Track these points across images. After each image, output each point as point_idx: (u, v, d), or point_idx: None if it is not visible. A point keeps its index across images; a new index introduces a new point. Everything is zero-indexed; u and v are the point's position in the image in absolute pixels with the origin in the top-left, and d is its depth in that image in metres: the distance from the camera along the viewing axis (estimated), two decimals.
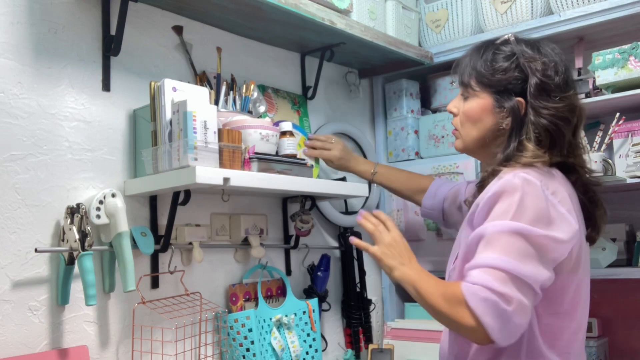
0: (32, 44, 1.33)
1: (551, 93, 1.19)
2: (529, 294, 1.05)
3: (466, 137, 1.31)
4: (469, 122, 1.29)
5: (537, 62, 1.21)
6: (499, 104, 1.23)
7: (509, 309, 1.01)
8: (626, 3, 1.78)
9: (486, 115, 1.25)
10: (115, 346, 1.43)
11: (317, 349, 1.80)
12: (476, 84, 1.27)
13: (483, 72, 1.25)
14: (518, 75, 1.22)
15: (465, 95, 1.30)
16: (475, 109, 1.27)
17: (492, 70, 1.24)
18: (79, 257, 1.27)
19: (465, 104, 1.30)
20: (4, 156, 1.26)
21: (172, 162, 1.35)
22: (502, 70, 1.23)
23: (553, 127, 1.18)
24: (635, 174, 1.80)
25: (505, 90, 1.22)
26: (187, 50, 1.65)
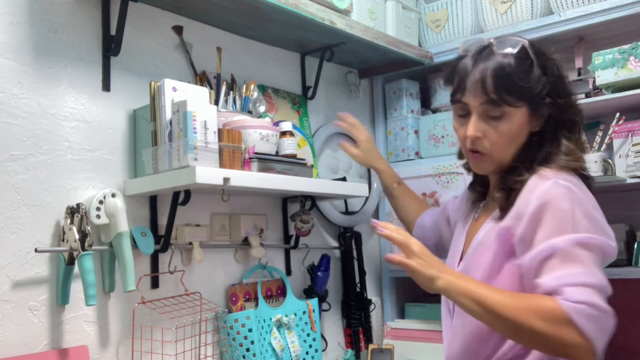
0: (32, 44, 1.33)
1: (567, 89, 1.20)
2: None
3: (500, 159, 1.21)
4: (507, 142, 1.19)
5: (552, 62, 1.19)
6: (534, 111, 1.17)
7: (611, 323, 1.05)
8: (626, 3, 1.78)
9: (523, 127, 1.18)
10: (115, 346, 1.43)
11: (317, 349, 1.80)
12: (514, 99, 1.15)
13: (520, 85, 1.15)
14: (545, 79, 1.17)
15: (493, 115, 1.17)
16: (516, 126, 1.18)
17: (528, 81, 1.15)
18: (79, 257, 1.27)
19: (500, 125, 1.17)
20: (4, 156, 1.26)
21: (172, 162, 1.35)
22: (534, 79, 1.16)
23: (577, 119, 1.19)
24: (635, 174, 1.79)
25: (539, 97, 1.17)
26: (187, 50, 1.65)
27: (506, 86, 1.15)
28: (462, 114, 1.22)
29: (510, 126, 1.17)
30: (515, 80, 1.14)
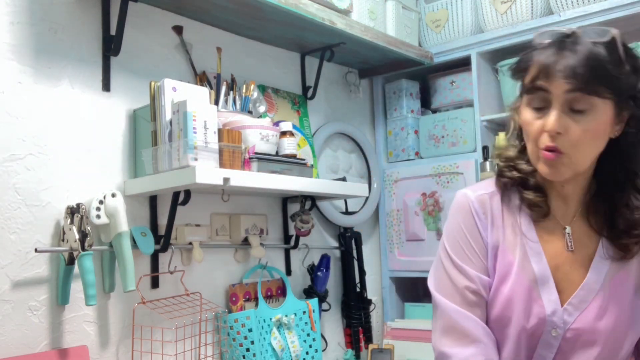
0: (32, 44, 1.33)
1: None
2: None
3: (579, 162, 1.03)
4: (594, 140, 1.03)
5: (638, 60, 1.04)
6: (619, 110, 1.02)
7: None
8: (626, 3, 1.78)
9: (608, 127, 1.03)
10: (115, 346, 1.43)
11: (317, 349, 1.80)
12: (605, 90, 0.99)
13: (615, 80, 1.00)
14: (634, 77, 1.03)
15: (579, 109, 1.00)
16: (602, 124, 1.02)
17: (617, 71, 1.00)
18: (79, 257, 1.27)
19: (585, 120, 1.00)
20: (4, 156, 1.26)
21: (172, 162, 1.35)
22: (625, 72, 1.01)
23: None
24: None
25: (626, 97, 1.02)
26: (187, 50, 1.65)
27: (599, 75, 0.99)
28: (539, 107, 1.03)
29: (596, 123, 1.00)
30: (608, 69, 0.99)
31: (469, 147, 2.11)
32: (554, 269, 1.08)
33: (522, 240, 1.11)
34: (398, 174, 2.25)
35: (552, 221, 1.11)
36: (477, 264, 1.12)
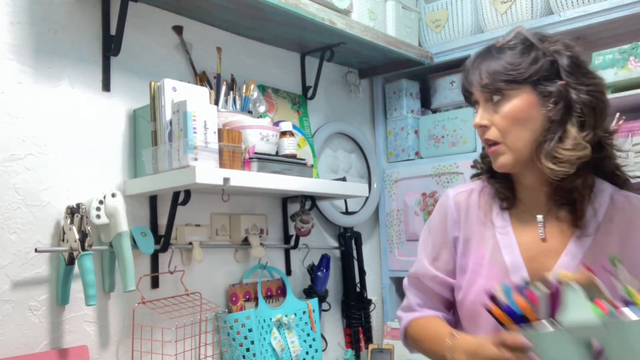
0: (32, 43, 1.33)
1: (582, 68, 1.12)
2: None
3: (516, 144, 1.12)
4: (517, 124, 1.11)
5: (558, 44, 1.13)
6: (543, 93, 1.10)
7: None
8: (626, 3, 1.78)
9: (534, 110, 1.11)
10: (115, 346, 1.43)
11: (317, 349, 1.80)
12: (507, 85, 1.11)
13: (511, 70, 1.11)
14: (548, 59, 1.11)
15: (497, 100, 1.13)
16: (521, 106, 1.11)
17: (520, 66, 1.11)
18: (79, 257, 1.27)
19: (503, 108, 1.12)
20: (4, 156, 1.26)
21: (172, 162, 1.35)
22: (531, 61, 1.11)
23: (596, 101, 1.09)
24: (635, 174, 1.79)
25: (543, 79, 1.10)
26: (187, 50, 1.65)
27: (496, 77, 1.12)
28: (476, 109, 1.19)
29: (511, 107, 1.11)
30: (507, 69, 1.12)
31: (469, 147, 2.11)
32: (530, 260, 1.13)
33: (494, 232, 1.18)
34: (398, 174, 2.25)
35: (526, 212, 1.18)
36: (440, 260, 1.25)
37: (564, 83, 1.10)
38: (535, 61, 1.11)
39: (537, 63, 1.11)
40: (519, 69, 1.11)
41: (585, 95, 1.09)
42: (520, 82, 1.11)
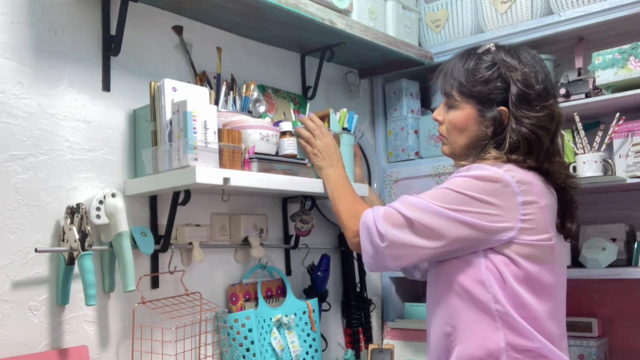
0: (32, 44, 1.33)
1: (532, 102, 1.23)
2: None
3: (453, 144, 1.34)
4: (455, 130, 1.32)
5: (518, 72, 1.24)
6: (481, 113, 1.27)
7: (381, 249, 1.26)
8: (626, 3, 1.78)
9: (471, 124, 1.29)
10: (115, 346, 1.43)
11: (317, 349, 1.80)
12: (458, 95, 1.30)
13: (464, 83, 1.28)
14: (500, 85, 1.25)
15: (449, 105, 1.33)
16: (460, 118, 1.30)
17: (473, 82, 1.27)
18: (79, 257, 1.27)
19: (450, 113, 1.33)
20: (4, 156, 1.26)
21: (172, 162, 1.35)
22: (483, 81, 1.26)
23: (533, 136, 1.21)
24: (635, 174, 1.79)
25: (488, 101, 1.26)
26: (187, 50, 1.65)
27: (454, 84, 1.30)
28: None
29: (455, 117, 1.31)
30: (462, 80, 1.28)
31: None
32: None
33: None
34: (398, 174, 2.25)
35: None
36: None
37: (505, 110, 1.24)
38: (487, 82, 1.25)
39: (489, 84, 1.25)
40: (470, 83, 1.27)
41: (522, 127, 1.22)
42: (468, 96, 1.28)
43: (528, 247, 1.18)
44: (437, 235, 1.18)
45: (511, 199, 1.17)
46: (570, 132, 1.94)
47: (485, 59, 1.28)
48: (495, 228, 1.17)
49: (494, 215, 1.17)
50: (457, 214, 1.17)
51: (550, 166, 1.24)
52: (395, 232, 1.22)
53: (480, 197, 1.17)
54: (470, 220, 1.17)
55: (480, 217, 1.17)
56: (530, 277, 1.18)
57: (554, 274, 1.21)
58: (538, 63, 1.27)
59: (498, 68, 1.25)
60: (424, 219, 1.19)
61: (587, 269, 1.86)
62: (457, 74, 1.30)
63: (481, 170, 1.19)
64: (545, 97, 1.24)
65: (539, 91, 1.23)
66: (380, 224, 1.24)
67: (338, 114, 1.76)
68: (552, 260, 1.20)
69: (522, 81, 1.23)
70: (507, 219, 1.17)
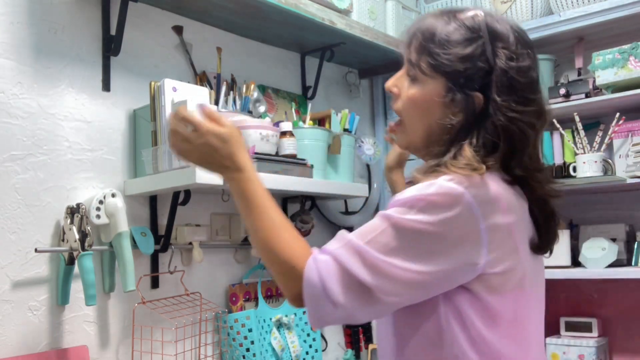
0: (32, 44, 1.33)
1: (519, 91, 0.96)
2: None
3: (410, 132, 1.02)
4: (414, 111, 1.01)
5: (508, 51, 0.96)
6: (451, 95, 0.96)
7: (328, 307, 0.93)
8: (626, 3, 1.78)
9: (435, 106, 0.98)
10: (115, 346, 1.43)
11: (317, 349, 1.80)
12: (427, 67, 0.98)
13: (437, 54, 0.97)
14: (481, 66, 0.95)
15: (412, 76, 1.01)
16: (423, 95, 0.99)
17: (450, 54, 0.96)
18: (79, 257, 1.27)
19: (411, 88, 1.00)
20: (4, 156, 1.26)
21: (172, 162, 1.35)
22: (462, 57, 0.96)
23: (518, 132, 0.95)
24: (635, 174, 1.79)
25: (462, 81, 0.96)
26: (187, 50, 1.65)
27: (424, 51, 0.98)
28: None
29: (417, 92, 0.99)
30: (435, 49, 0.97)
31: None
32: None
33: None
34: None
35: None
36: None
37: (480, 98, 0.95)
38: (467, 59, 0.96)
39: (466, 63, 0.96)
40: (445, 56, 0.97)
41: (505, 121, 0.94)
42: (438, 70, 0.97)
43: (495, 278, 0.91)
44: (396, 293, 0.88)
45: (472, 226, 0.88)
46: (570, 132, 1.94)
47: (468, 27, 0.97)
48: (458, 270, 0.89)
49: (455, 254, 0.88)
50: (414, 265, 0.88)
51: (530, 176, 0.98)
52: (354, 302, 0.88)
53: (436, 233, 0.88)
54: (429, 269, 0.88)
55: (439, 261, 0.88)
56: (497, 312, 0.92)
57: (525, 299, 0.96)
58: (532, 47, 1.01)
59: (483, 44, 0.96)
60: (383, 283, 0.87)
61: (587, 269, 1.86)
62: (429, 40, 0.98)
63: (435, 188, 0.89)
64: (535, 89, 0.99)
65: (531, 79, 0.98)
66: (334, 291, 0.88)
67: (339, 115, 1.76)
68: (521, 286, 0.95)
69: (512, 64, 0.96)
70: (470, 254, 0.89)
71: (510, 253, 0.92)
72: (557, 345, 1.97)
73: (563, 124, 1.92)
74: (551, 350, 1.98)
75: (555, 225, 1.03)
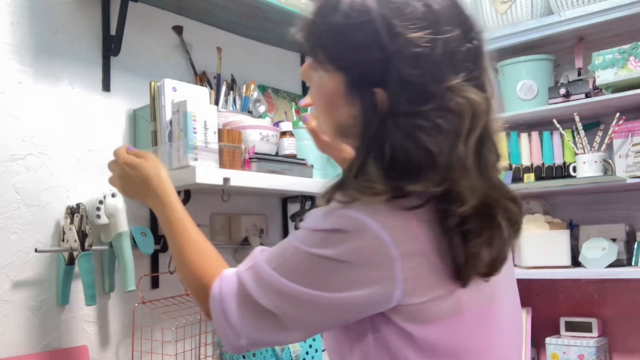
0: (32, 43, 1.33)
1: (416, 85, 0.75)
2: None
3: (323, 127, 0.87)
4: (320, 105, 0.85)
5: (410, 32, 0.74)
6: (350, 88, 0.79)
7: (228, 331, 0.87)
8: (626, 3, 1.78)
9: (337, 104, 0.81)
10: (115, 346, 1.43)
11: (317, 349, 1.80)
12: (325, 59, 0.81)
13: (329, 45, 0.81)
14: (377, 56, 0.75)
15: (314, 67, 0.84)
16: (324, 91, 0.83)
17: (341, 45, 0.79)
18: (79, 257, 1.27)
19: (315, 75, 0.84)
20: (4, 156, 1.26)
21: (172, 162, 1.35)
22: (353, 48, 0.77)
23: (414, 148, 0.74)
24: (635, 174, 1.80)
25: (359, 76, 0.78)
26: (187, 50, 1.65)
27: (317, 41, 0.83)
28: None
29: (319, 87, 0.84)
30: (326, 40, 0.81)
31: None
32: None
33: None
34: None
35: None
36: None
37: (382, 94, 0.76)
38: (359, 50, 0.77)
39: (358, 53, 0.77)
40: (333, 48, 0.80)
41: (400, 134, 0.75)
42: (334, 65, 0.81)
43: (419, 307, 0.77)
44: (304, 320, 0.80)
45: (382, 255, 0.74)
46: (570, 132, 1.94)
47: (358, 9, 0.77)
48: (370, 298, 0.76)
49: (363, 284, 0.75)
50: (320, 292, 0.77)
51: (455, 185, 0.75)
52: (253, 325, 0.82)
53: (342, 262, 0.75)
54: (336, 296, 0.77)
55: (347, 290, 0.76)
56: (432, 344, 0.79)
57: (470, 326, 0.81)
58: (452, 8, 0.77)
59: (376, 30, 0.75)
60: (287, 309, 0.79)
61: (587, 269, 1.86)
62: (320, 29, 0.82)
63: (334, 218, 0.76)
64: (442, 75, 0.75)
65: (436, 63, 0.74)
66: (231, 310, 0.82)
67: None
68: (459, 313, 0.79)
69: (413, 52, 0.74)
70: (382, 284, 0.75)
71: (433, 280, 0.77)
72: (557, 345, 1.97)
73: (563, 124, 1.92)
74: (551, 350, 1.98)
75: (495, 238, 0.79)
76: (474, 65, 0.77)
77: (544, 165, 1.99)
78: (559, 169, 1.98)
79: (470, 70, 0.76)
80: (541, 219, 1.98)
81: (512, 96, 2.07)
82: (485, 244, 0.77)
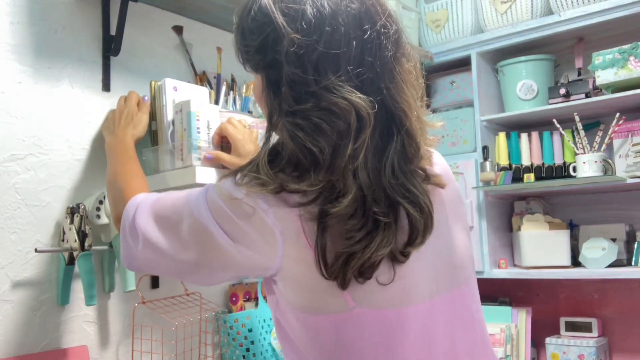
0: (32, 43, 1.33)
1: (298, 85, 0.77)
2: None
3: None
4: (260, 105, 0.91)
5: (294, 32, 0.77)
6: (265, 90, 0.85)
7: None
8: (626, 3, 1.78)
9: (264, 100, 0.86)
10: (115, 346, 1.43)
11: None
12: (244, 61, 0.88)
13: (240, 47, 0.87)
14: (275, 57, 0.80)
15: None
16: (256, 86, 0.89)
17: (248, 47, 0.84)
18: (79, 257, 1.27)
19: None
20: (4, 156, 1.26)
21: (174, 162, 1.35)
22: (257, 49, 0.82)
23: (300, 148, 0.77)
24: (635, 174, 1.80)
25: (268, 75, 0.83)
26: (187, 50, 1.65)
27: (236, 40, 0.88)
28: None
29: (255, 88, 0.90)
30: (239, 46, 0.87)
31: (469, 147, 2.11)
32: None
33: None
34: None
35: None
36: None
37: (284, 92, 0.79)
38: (260, 51, 0.82)
39: (261, 55, 0.82)
40: (245, 50, 0.86)
41: (285, 133, 0.78)
42: (252, 68, 0.87)
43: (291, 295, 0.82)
44: (148, 256, 0.91)
45: (262, 226, 0.78)
46: (570, 132, 1.94)
47: (258, 11, 0.81)
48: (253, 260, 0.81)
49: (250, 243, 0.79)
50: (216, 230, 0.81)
51: (338, 186, 0.75)
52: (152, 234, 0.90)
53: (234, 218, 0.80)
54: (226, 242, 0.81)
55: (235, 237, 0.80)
56: (316, 331, 0.81)
57: (362, 326, 0.79)
58: (346, 11, 0.78)
59: (275, 29, 0.78)
60: (145, 235, 0.90)
61: (587, 269, 1.86)
62: (236, 30, 0.87)
63: (225, 197, 0.81)
64: (323, 72, 0.76)
65: (317, 63, 0.76)
66: (140, 213, 0.93)
67: None
68: (346, 310, 0.78)
69: (294, 54, 0.77)
70: (264, 255, 0.79)
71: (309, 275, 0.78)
72: (557, 345, 1.97)
73: (563, 124, 1.92)
74: (551, 350, 1.98)
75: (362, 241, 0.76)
76: (361, 66, 0.78)
77: (544, 165, 1.99)
78: (559, 169, 1.98)
79: (355, 70, 0.77)
80: (541, 219, 1.98)
81: (512, 96, 2.07)
82: (362, 246, 0.75)
